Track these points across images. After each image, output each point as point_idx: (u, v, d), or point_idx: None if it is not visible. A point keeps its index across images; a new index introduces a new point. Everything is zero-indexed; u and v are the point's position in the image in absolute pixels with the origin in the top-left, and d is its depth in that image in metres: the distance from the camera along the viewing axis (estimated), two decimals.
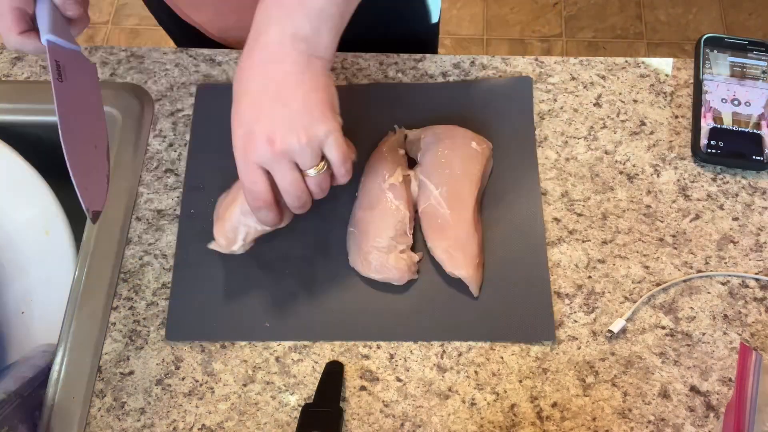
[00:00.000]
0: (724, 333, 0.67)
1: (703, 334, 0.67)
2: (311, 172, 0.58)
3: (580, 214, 0.72)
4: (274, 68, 0.56)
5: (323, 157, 0.59)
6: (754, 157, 0.74)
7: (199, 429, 0.63)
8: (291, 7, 0.55)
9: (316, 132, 0.56)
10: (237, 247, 0.66)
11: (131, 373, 0.66)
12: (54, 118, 0.79)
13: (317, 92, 0.57)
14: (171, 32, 0.99)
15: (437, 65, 0.81)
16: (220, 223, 0.66)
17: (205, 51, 0.82)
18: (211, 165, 0.75)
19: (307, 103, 0.56)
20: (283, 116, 0.56)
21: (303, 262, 0.70)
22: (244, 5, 0.65)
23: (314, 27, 0.56)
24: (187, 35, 0.91)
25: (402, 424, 0.63)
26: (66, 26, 0.65)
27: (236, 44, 0.88)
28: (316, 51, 0.56)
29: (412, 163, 0.74)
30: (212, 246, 0.67)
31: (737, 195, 0.73)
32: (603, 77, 0.80)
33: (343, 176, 0.61)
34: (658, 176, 0.74)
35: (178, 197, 0.73)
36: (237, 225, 0.65)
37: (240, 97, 0.58)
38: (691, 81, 0.80)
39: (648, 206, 0.73)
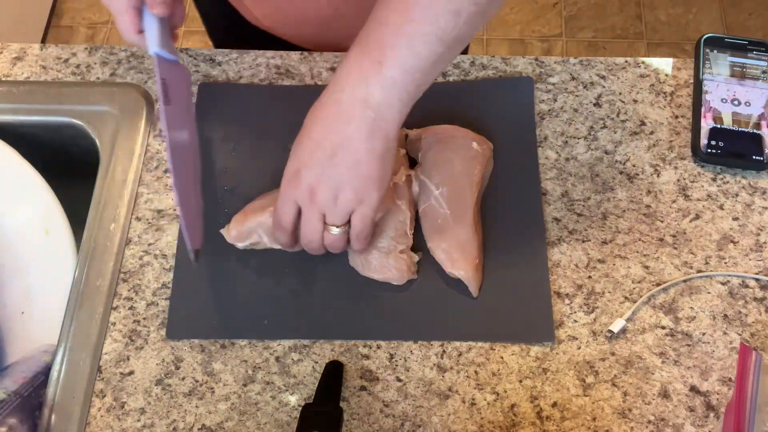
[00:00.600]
0: (724, 333, 0.67)
1: (703, 334, 0.67)
2: (333, 230, 0.62)
3: (580, 214, 0.72)
4: (338, 127, 0.58)
5: (349, 222, 0.62)
6: (754, 157, 0.74)
7: (199, 429, 0.63)
8: (368, 72, 0.56)
9: (350, 200, 0.60)
10: (242, 245, 0.69)
11: (131, 373, 0.66)
12: (54, 118, 0.80)
13: (369, 162, 0.59)
14: (214, 26, 1.01)
15: None
16: (242, 217, 0.69)
17: (205, 51, 0.82)
18: (213, 164, 0.75)
19: (356, 169, 0.59)
20: (330, 174, 0.59)
21: (303, 261, 0.70)
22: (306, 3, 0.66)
23: (386, 96, 0.57)
24: (231, 29, 0.92)
25: (402, 424, 0.63)
26: (168, 36, 0.68)
27: (292, 39, 0.89)
28: (383, 120, 0.58)
29: (412, 163, 0.74)
30: (223, 231, 0.69)
31: (737, 195, 0.73)
32: (603, 77, 0.80)
33: (356, 245, 0.64)
34: (658, 176, 0.74)
35: None
36: (254, 230, 0.68)
37: (303, 136, 0.60)
38: (691, 81, 0.80)
39: (648, 206, 0.73)
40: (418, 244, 0.70)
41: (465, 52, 0.97)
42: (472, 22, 0.56)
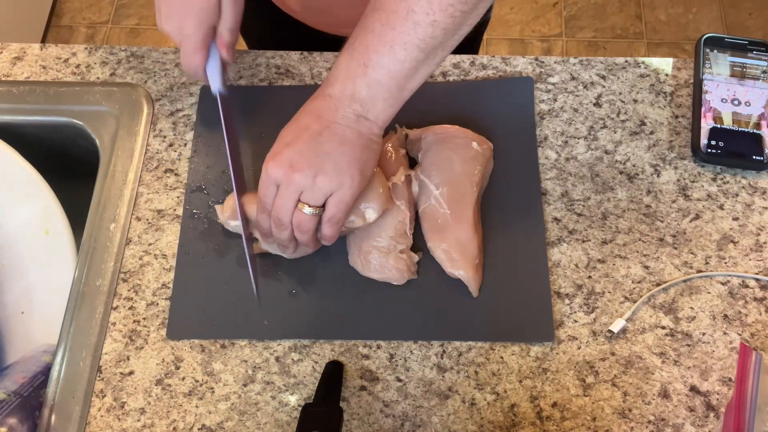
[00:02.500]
0: (724, 333, 0.67)
1: (703, 334, 0.67)
2: (306, 209, 0.62)
3: (580, 214, 0.72)
4: (327, 114, 0.61)
5: (324, 206, 0.62)
6: (754, 157, 0.74)
7: (199, 429, 0.63)
8: (355, 73, 0.61)
9: (330, 180, 0.61)
10: (231, 226, 0.70)
11: (131, 373, 0.66)
12: (54, 118, 0.80)
13: (352, 148, 0.61)
14: (251, 25, 1.03)
15: None
16: (244, 198, 0.69)
17: None
18: (213, 165, 0.75)
19: (338, 152, 0.61)
20: (313, 153, 0.60)
21: (303, 261, 0.70)
22: None
23: (370, 94, 0.61)
24: (261, 14, 0.94)
25: (402, 424, 0.63)
26: (224, 72, 0.72)
27: (319, 24, 0.91)
28: (368, 113, 0.62)
29: (412, 163, 0.74)
30: (217, 207, 0.70)
31: (737, 195, 0.73)
32: (603, 77, 0.80)
33: (326, 230, 0.64)
34: (658, 176, 0.74)
35: (178, 197, 0.73)
36: (249, 217, 0.69)
37: (289, 125, 0.63)
38: (691, 81, 0.80)
39: (648, 206, 0.73)
40: (418, 244, 0.70)
41: (470, 51, 0.98)
42: (451, 32, 0.59)
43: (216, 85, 0.71)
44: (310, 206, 0.62)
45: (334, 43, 0.96)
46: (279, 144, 0.62)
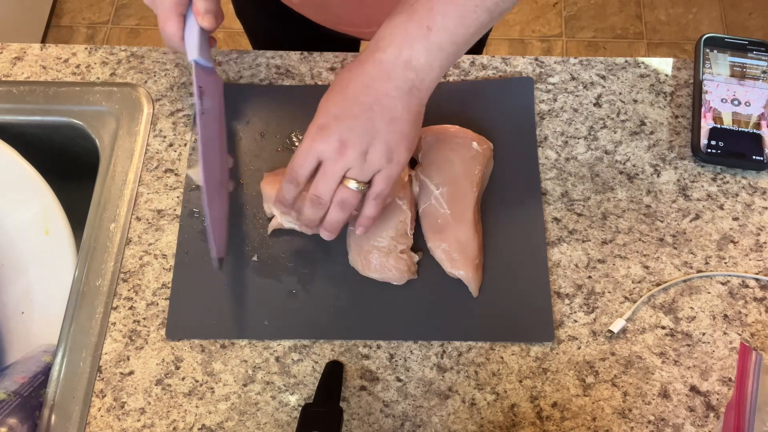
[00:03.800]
0: (724, 333, 0.67)
1: (703, 334, 0.67)
2: (352, 183, 0.59)
3: (580, 214, 0.72)
4: (378, 84, 0.58)
5: (370, 183, 0.60)
6: (754, 157, 0.74)
7: (199, 429, 0.63)
8: (414, 36, 0.57)
9: (381, 155, 0.58)
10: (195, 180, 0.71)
11: (131, 373, 0.66)
12: (54, 118, 0.80)
13: (404, 124, 0.59)
14: (252, 20, 1.03)
15: None
16: (265, 178, 0.70)
17: None
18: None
19: (390, 128, 0.58)
20: (364, 129, 0.58)
21: (303, 261, 0.70)
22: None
23: (429, 60, 0.57)
24: (262, 8, 0.93)
25: (402, 424, 0.63)
26: (206, 43, 0.69)
27: (319, 19, 0.90)
28: (421, 83, 0.58)
29: (412, 163, 0.74)
30: (189, 171, 0.70)
31: (737, 195, 0.73)
32: (603, 77, 0.80)
33: (369, 209, 0.62)
34: (658, 176, 0.74)
35: (178, 197, 0.73)
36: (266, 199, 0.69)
37: (336, 91, 0.59)
38: (691, 81, 0.80)
39: (648, 206, 0.73)
40: (418, 244, 0.70)
41: (475, 51, 0.98)
42: None
43: (192, 54, 0.68)
44: (357, 182, 0.59)
45: (335, 40, 0.96)
46: (325, 115, 0.59)
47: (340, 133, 0.58)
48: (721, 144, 0.74)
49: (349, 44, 0.99)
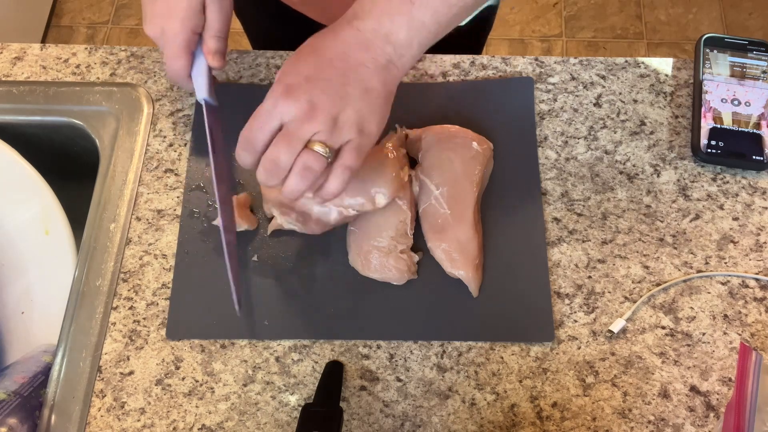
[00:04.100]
0: (724, 333, 0.67)
1: (703, 334, 0.67)
2: (318, 147, 0.54)
3: (580, 214, 0.72)
4: (355, 52, 0.55)
5: (336, 152, 0.56)
6: (754, 157, 0.74)
7: (199, 429, 0.63)
8: (397, 8, 0.55)
9: (352, 123, 0.55)
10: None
11: (131, 373, 0.66)
12: (54, 118, 0.80)
13: (377, 97, 0.56)
14: (252, 20, 1.02)
15: (437, 65, 0.81)
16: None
17: None
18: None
19: (364, 98, 0.55)
20: (337, 94, 0.54)
21: (303, 261, 0.70)
22: None
23: (409, 36, 0.56)
24: (262, 8, 0.92)
25: (402, 424, 0.63)
26: (211, 82, 0.68)
27: (321, 19, 0.89)
28: (399, 59, 0.56)
29: (412, 163, 0.74)
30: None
31: (737, 195, 0.73)
32: (603, 77, 0.80)
33: (333, 183, 0.56)
34: (658, 176, 0.74)
35: (178, 197, 0.73)
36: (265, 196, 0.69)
37: (307, 52, 0.56)
38: (691, 81, 0.80)
39: (648, 206, 0.73)
40: (418, 244, 0.70)
41: (475, 51, 0.98)
42: None
43: (201, 93, 0.67)
44: (325, 146, 0.54)
45: None
46: (295, 76, 0.55)
47: (311, 95, 0.54)
48: (721, 144, 0.74)
49: None
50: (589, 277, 0.69)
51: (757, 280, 0.69)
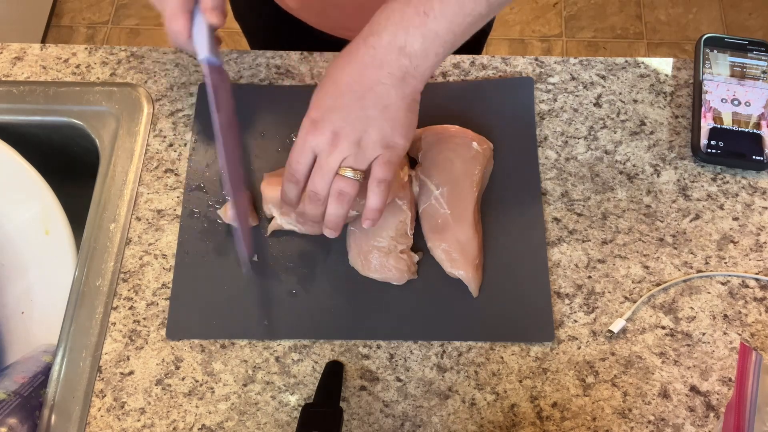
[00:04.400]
0: (724, 333, 0.67)
1: (703, 334, 0.67)
2: (347, 172, 0.59)
3: (580, 214, 0.72)
4: (370, 72, 0.57)
5: (366, 172, 0.59)
6: (754, 157, 0.74)
7: (199, 429, 0.63)
8: (410, 21, 0.56)
9: (375, 142, 0.58)
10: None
11: (131, 373, 0.66)
12: (54, 118, 0.80)
13: (397, 110, 0.58)
14: (251, 23, 1.02)
15: None
16: (266, 179, 0.70)
17: None
18: (213, 164, 0.75)
19: (384, 115, 0.58)
20: (358, 116, 0.57)
21: (303, 261, 0.70)
22: None
23: (424, 47, 0.57)
24: (259, 12, 0.93)
25: (402, 424, 0.63)
26: (214, 40, 0.68)
27: (316, 24, 0.90)
28: (415, 70, 0.57)
29: (412, 163, 0.74)
30: (219, 211, 0.71)
31: (737, 195, 0.73)
32: (603, 77, 0.80)
33: (373, 200, 0.60)
34: (658, 176, 0.74)
35: (178, 197, 0.73)
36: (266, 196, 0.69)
37: (328, 83, 0.59)
38: (691, 81, 0.80)
39: (648, 206, 0.73)
40: (418, 244, 0.70)
41: (475, 51, 0.98)
42: None
43: (203, 53, 0.66)
44: (353, 170, 0.58)
45: (334, 45, 0.96)
46: (318, 108, 0.58)
47: (333, 125, 0.57)
48: (721, 144, 0.74)
49: None
50: (589, 277, 0.69)
51: (757, 280, 0.69)
